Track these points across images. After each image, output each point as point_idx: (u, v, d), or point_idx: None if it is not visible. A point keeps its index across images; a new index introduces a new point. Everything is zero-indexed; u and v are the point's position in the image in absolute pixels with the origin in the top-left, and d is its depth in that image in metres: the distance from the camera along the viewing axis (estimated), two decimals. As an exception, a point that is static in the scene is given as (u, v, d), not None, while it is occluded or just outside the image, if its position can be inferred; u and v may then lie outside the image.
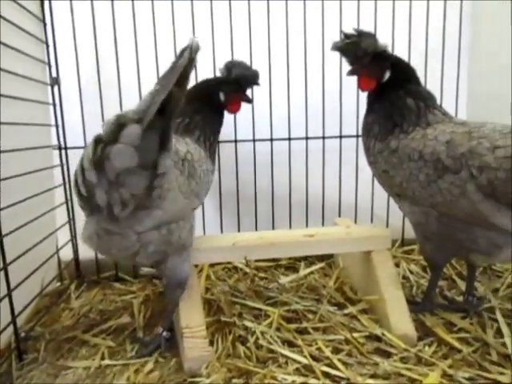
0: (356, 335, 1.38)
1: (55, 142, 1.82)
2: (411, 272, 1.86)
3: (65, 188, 1.83)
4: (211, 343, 1.35)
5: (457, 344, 1.35)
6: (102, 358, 1.35)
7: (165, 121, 0.98)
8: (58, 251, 1.82)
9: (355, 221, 2.02)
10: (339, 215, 2.04)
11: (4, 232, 1.27)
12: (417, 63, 1.51)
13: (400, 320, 1.40)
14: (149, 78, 1.78)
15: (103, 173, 1.01)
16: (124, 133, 0.96)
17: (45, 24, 1.74)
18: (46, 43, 1.75)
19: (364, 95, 1.57)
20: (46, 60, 1.76)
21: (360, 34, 1.45)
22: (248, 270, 1.89)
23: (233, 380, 1.21)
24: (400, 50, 1.70)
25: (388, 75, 1.47)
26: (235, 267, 1.95)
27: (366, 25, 1.68)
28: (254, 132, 1.95)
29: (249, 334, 1.38)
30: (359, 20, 1.87)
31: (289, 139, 1.99)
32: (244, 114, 1.77)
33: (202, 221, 1.96)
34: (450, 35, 1.99)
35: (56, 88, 1.79)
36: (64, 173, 1.83)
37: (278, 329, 1.42)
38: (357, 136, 1.94)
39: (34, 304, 1.62)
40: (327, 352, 1.30)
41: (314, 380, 1.19)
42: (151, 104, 0.93)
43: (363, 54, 1.45)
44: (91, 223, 1.17)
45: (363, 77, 1.51)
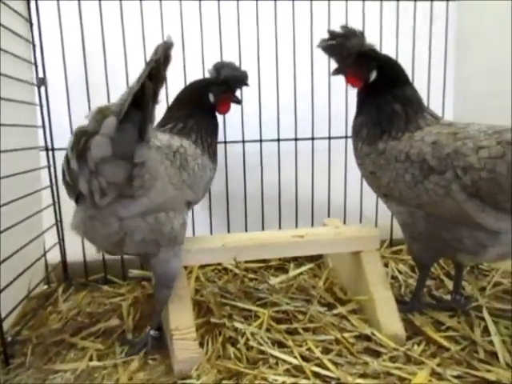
0: (346, 335, 1.38)
1: (42, 143, 1.80)
2: (400, 272, 1.88)
3: (52, 190, 1.81)
4: (201, 345, 1.35)
5: (445, 343, 1.36)
6: (91, 361, 1.33)
7: (141, 113, 1.03)
8: (46, 254, 1.80)
9: (344, 221, 2.03)
10: (328, 216, 2.05)
11: (-11, 234, 1.25)
12: (404, 64, 1.51)
13: (389, 320, 1.41)
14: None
15: (85, 162, 1.07)
16: (103, 125, 1.02)
17: (31, 24, 1.72)
18: (33, 43, 1.73)
19: (353, 96, 1.57)
20: (33, 60, 1.74)
21: (346, 34, 1.44)
22: (238, 271, 1.89)
23: (223, 381, 1.21)
24: (387, 51, 1.71)
25: (374, 75, 1.46)
26: (225, 268, 1.94)
27: (354, 26, 1.68)
28: (244, 133, 1.95)
29: (239, 335, 1.38)
30: (347, 21, 1.88)
31: (278, 140, 2.00)
32: (233, 116, 1.77)
33: (192, 222, 1.95)
34: (437, 36, 2.01)
35: (43, 88, 1.77)
36: (51, 174, 1.81)
37: (268, 330, 1.42)
38: (345, 137, 1.95)
39: (21, 307, 1.60)
40: (317, 352, 1.30)
41: (305, 380, 1.19)
42: (127, 98, 0.99)
43: (348, 54, 1.45)
44: (79, 212, 1.21)
45: (349, 77, 1.51)
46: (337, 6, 1.92)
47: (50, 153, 1.81)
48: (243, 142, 1.96)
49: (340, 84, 1.55)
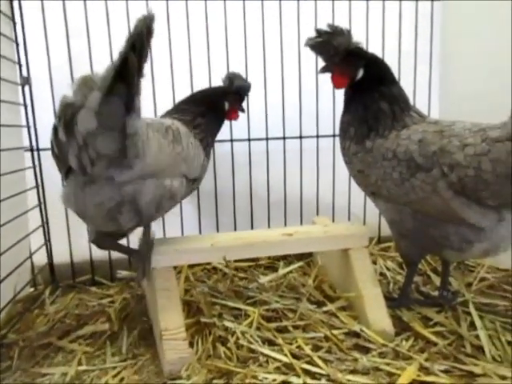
0: (335, 332, 1.39)
1: (27, 144, 1.77)
2: (388, 269, 1.90)
3: (38, 191, 1.78)
4: (191, 345, 1.34)
5: (433, 338, 1.38)
6: (79, 364, 1.32)
7: (127, 86, 1.04)
8: (32, 255, 1.77)
9: (333, 219, 2.04)
10: (317, 214, 2.06)
11: (-27, 237, 1.23)
12: (390, 63, 1.53)
13: (378, 316, 1.42)
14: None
15: (73, 136, 1.09)
16: (88, 99, 1.04)
17: (14, 23, 1.69)
18: (16, 42, 1.70)
19: (341, 95, 1.58)
20: (17, 59, 1.71)
21: (333, 32, 1.44)
22: (227, 271, 1.89)
23: (213, 381, 1.20)
24: (374, 50, 1.72)
25: (361, 73, 1.47)
26: (214, 268, 1.94)
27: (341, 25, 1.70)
28: (232, 132, 1.95)
29: (229, 335, 1.38)
30: (334, 21, 1.89)
31: (266, 139, 2.00)
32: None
33: (181, 222, 1.94)
34: (422, 36, 2.04)
35: (27, 88, 1.74)
36: (37, 175, 1.78)
37: (259, 328, 1.42)
38: (333, 136, 1.97)
39: (7, 310, 1.57)
40: (307, 350, 1.31)
41: (295, 378, 1.19)
42: (110, 71, 1.02)
43: (335, 52, 1.45)
44: (69, 183, 1.22)
45: (336, 75, 1.51)
46: (323, 6, 1.93)
47: (35, 153, 1.78)
48: (231, 141, 1.96)
49: (327, 82, 1.56)
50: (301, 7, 1.91)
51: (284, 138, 2.02)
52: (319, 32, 1.45)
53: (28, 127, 1.76)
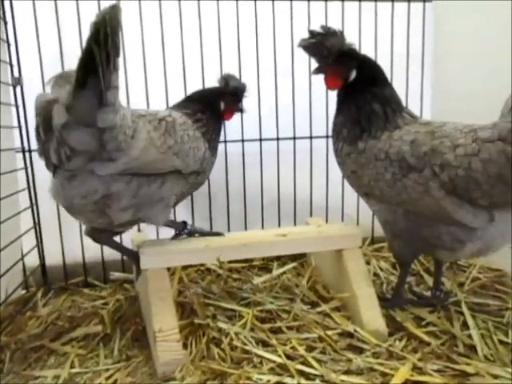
0: (329, 333, 1.40)
1: (18, 145, 1.75)
2: (381, 269, 1.90)
3: (29, 192, 1.77)
4: (185, 346, 1.34)
5: (426, 337, 1.39)
6: (72, 367, 1.31)
7: (96, 79, 1.04)
8: (23, 257, 1.75)
9: (326, 220, 2.05)
10: (311, 215, 2.06)
11: (-36, 239, 1.22)
12: (383, 64, 1.54)
13: (371, 316, 1.43)
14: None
15: (51, 132, 1.12)
16: (61, 94, 1.08)
17: (5, 23, 1.67)
18: (8, 42, 1.69)
19: (334, 96, 1.59)
20: (8, 60, 1.69)
21: (326, 33, 1.44)
22: (221, 272, 1.89)
23: (207, 382, 1.20)
24: (366, 52, 1.73)
25: (354, 74, 1.48)
26: (208, 269, 1.93)
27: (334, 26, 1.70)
28: (226, 133, 1.95)
29: (223, 336, 1.38)
30: (327, 22, 1.89)
31: (260, 140, 2.00)
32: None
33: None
34: (414, 37, 2.05)
35: (18, 88, 1.72)
36: (28, 176, 1.77)
37: (252, 329, 1.42)
38: (327, 137, 1.97)
39: (-2, 313, 1.56)
40: (301, 350, 1.31)
41: (289, 379, 1.19)
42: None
43: (328, 53, 1.45)
44: (56, 179, 1.24)
45: (329, 76, 1.52)
46: (316, 7, 1.93)
47: (27, 154, 1.76)
48: (225, 142, 1.96)
49: (321, 84, 1.56)
50: (294, 8, 1.91)
51: (277, 139, 2.02)
52: (312, 33, 1.45)
53: (20, 128, 1.75)
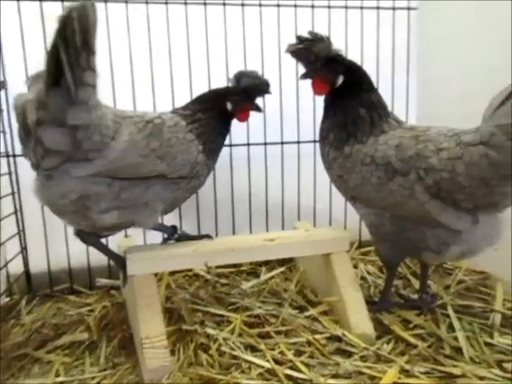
0: (317, 337, 1.40)
1: (2, 149, 1.72)
2: (369, 273, 1.91)
3: (14, 197, 1.74)
4: (172, 353, 1.33)
5: (413, 340, 1.40)
6: (57, 375, 1.29)
7: (65, 77, 1.05)
8: (7, 264, 1.72)
9: (314, 224, 2.06)
10: (298, 219, 2.07)
11: None
12: (369, 70, 1.55)
13: (359, 320, 1.43)
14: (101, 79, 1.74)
15: (29, 131, 1.13)
16: (32, 91, 1.10)
17: (-11, 26, 1.65)
18: (-9, 45, 1.67)
19: (321, 101, 1.60)
20: (-9, 63, 1.67)
21: (313, 39, 1.46)
22: (209, 277, 1.88)
23: (195, 389, 1.19)
24: (353, 58, 1.75)
25: (341, 80, 1.49)
26: (196, 274, 1.92)
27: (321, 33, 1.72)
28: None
29: (211, 341, 1.37)
30: (314, 29, 1.91)
31: (247, 145, 2.00)
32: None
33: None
34: (400, 44, 2.09)
35: (3, 92, 1.70)
36: (12, 181, 1.74)
37: (241, 334, 1.42)
38: (314, 141, 1.98)
39: (-19, 321, 1.52)
40: (290, 355, 1.31)
41: (278, 383, 1.19)
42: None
43: (315, 59, 1.47)
44: (37, 178, 1.24)
45: (316, 81, 1.53)
46: (303, 13, 1.95)
47: (11, 159, 1.74)
48: (213, 147, 1.95)
49: (308, 89, 1.57)
50: (281, 14, 1.93)
51: (265, 144, 2.02)
52: (300, 39, 1.46)
53: (3, 132, 1.72)
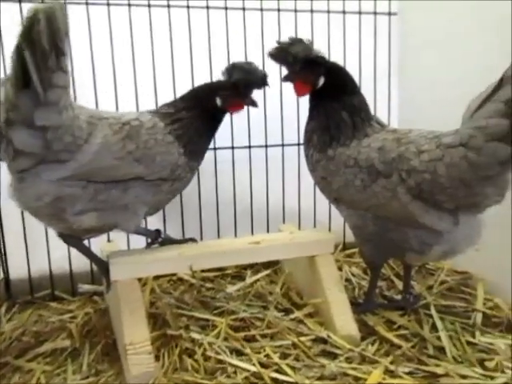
0: (303, 339, 1.40)
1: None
2: (353, 274, 1.93)
3: (-8, 202, 1.70)
4: (157, 358, 1.31)
5: (397, 341, 1.41)
6: (38, 384, 1.26)
7: (32, 78, 1.06)
8: (-14, 271, 1.68)
9: (299, 227, 2.06)
10: (283, 222, 2.07)
11: None
12: (351, 73, 1.57)
13: (344, 321, 1.44)
14: (85, 80, 1.72)
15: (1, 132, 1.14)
16: (1, 92, 1.10)
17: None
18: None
19: (305, 103, 1.61)
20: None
21: (292, 41, 1.46)
22: (194, 281, 1.86)
23: (180, 394, 1.18)
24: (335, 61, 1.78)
25: (322, 81, 1.50)
26: (181, 279, 1.90)
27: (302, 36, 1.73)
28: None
29: (196, 346, 1.36)
30: (296, 33, 1.93)
31: (232, 148, 2.00)
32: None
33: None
34: (381, 48, 2.12)
35: None
36: (-9, 186, 1.70)
37: (226, 338, 1.41)
38: (298, 144, 1.99)
39: (-42, 330, 1.48)
40: (275, 358, 1.31)
41: (263, 387, 1.19)
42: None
43: (294, 60, 1.47)
44: (12, 180, 1.24)
45: (297, 83, 1.54)
46: (286, 18, 1.96)
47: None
48: (197, 150, 1.95)
49: (291, 91, 1.58)
50: (264, 19, 1.94)
51: (249, 147, 2.02)
52: (279, 43, 1.48)
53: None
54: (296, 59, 1.46)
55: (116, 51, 1.76)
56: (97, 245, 1.57)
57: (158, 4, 1.81)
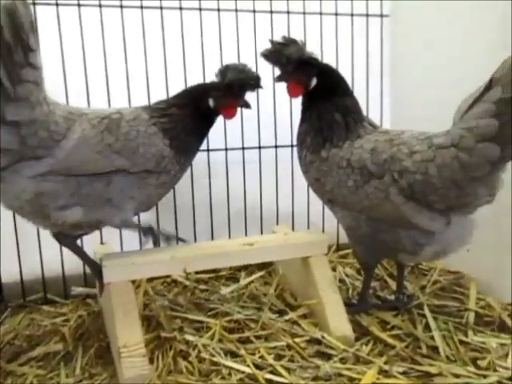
0: (297, 340, 1.40)
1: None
2: (347, 275, 1.93)
3: (-17, 206, 1.68)
4: (151, 361, 1.30)
5: (391, 341, 1.42)
6: (30, 388, 1.25)
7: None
8: (-23, 275, 1.67)
9: (292, 228, 2.06)
10: (277, 223, 2.07)
11: None
12: (344, 75, 1.58)
13: (338, 322, 1.45)
14: (76, 83, 1.70)
15: None
16: None
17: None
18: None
19: (298, 105, 1.61)
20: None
21: (285, 42, 1.47)
22: (188, 283, 1.86)
23: (175, 397, 1.17)
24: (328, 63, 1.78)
25: (315, 82, 1.51)
26: (174, 281, 1.90)
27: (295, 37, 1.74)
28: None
29: (190, 348, 1.35)
30: (289, 35, 1.93)
31: (225, 149, 2.00)
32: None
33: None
34: (373, 50, 2.14)
35: None
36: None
37: (221, 340, 1.41)
38: (291, 146, 2.00)
39: (-51, 335, 1.46)
40: (270, 359, 1.31)
41: (258, 388, 1.19)
42: None
43: (287, 61, 1.48)
44: None
45: (290, 83, 1.54)
46: (279, 20, 1.97)
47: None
48: (190, 152, 1.94)
49: (284, 93, 1.58)
50: (257, 20, 1.94)
51: (243, 149, 2.02)
52: (273, 43, 1.48)
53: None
54: (289, 60, 1.47)
55: (108, 53, 1.75)
56: (90, 246, 1.57)
57: (151, 5, 1.81)
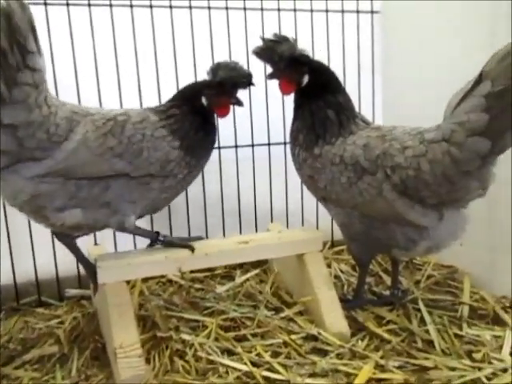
0: (293, 337, 1.40)
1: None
2: (342, 271, 1.94)
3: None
4: (147, 361, 1.30)
5: (386, 336, 1.43)
6: (26, 391, 1.24)
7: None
8: (-30, 278, 1.65)
9: (287, 225, 2.06)
10: (271, 221, 2.07)
11: None
12: (335, 72, 1.58)
13: (334, 318, 1.45)
14: (66, 82, 1.69)
15: None
16: None
17: None
18: None
19: (290, 103, 1.61)
20: None
21: (276, 39, 1.47)
22: (183, 282, 1.85)
23: (172, 396, 1.17)
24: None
25: (307, 79, 1.51)
26: (170, 280, 1.89)
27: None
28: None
29: (187, 347, 1.35)
30: (280, 33, 1.93)
31: (219, 148, 1.99)
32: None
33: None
34: (364, 47, 2.14)
35: None
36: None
37: (217, 338, 1.41)
38: (284, 143, 2.00)
39: None
40: (267, 357, 1.31)
41: (255, 386, 1.19)
42: None
43: (279, 59, 1.48)
44: None
45: (282, 81, 1.54)
46: (270, 17, 1.97)
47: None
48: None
49: (277, 90, 1.58)
50: (248, 17, 1.94)
51: (236, 147, 2.02)
52: (264, 40, 1.47)
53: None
54: (281, 58, 1.47)
55: (98, 53, 1.74)
56: (84, 247, 1.56)
57: (141, 4, 1.80)
